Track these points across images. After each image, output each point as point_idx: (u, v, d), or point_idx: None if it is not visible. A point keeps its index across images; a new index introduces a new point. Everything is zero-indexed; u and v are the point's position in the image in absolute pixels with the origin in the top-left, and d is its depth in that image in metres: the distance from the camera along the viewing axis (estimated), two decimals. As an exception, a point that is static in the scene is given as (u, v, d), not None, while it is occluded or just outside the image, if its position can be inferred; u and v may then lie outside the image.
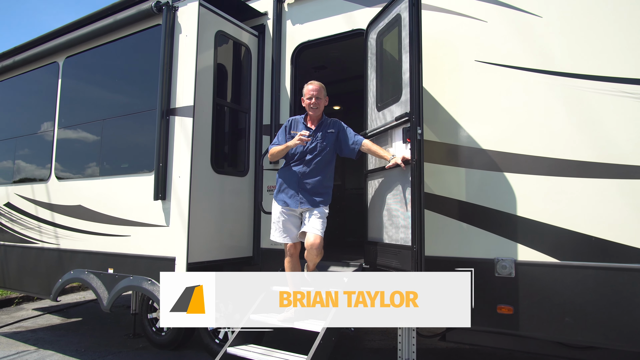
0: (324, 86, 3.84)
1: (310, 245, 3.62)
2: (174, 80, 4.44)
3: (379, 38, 3.95)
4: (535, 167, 3.35)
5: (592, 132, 3.20)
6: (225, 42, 4.69)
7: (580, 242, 3.16)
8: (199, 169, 4.28)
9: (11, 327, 6.59)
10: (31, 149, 6.24)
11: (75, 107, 5.68)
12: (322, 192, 3.77)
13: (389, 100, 3.75)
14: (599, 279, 3.10)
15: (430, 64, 3.66)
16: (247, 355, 3.63)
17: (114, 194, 4.94)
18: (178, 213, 4.22)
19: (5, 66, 6.44)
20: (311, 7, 4.63)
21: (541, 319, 3.27)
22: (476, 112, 3.63)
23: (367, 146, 3.74)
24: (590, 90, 3.21)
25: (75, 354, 5.28)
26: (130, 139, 5.12)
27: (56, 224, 5.54)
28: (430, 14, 3.82)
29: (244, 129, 4.90)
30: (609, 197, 3.10)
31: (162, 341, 5.27)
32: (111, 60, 5.34)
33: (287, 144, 3.73)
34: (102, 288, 4.88)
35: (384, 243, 3.76)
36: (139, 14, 4.76)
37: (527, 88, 3.43)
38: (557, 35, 3.37)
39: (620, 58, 3.15)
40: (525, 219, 3.36)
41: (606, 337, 3.09)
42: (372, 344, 5.57)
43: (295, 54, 4.70)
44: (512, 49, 3.51)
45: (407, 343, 3.99)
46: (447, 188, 3.68)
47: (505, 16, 3.56)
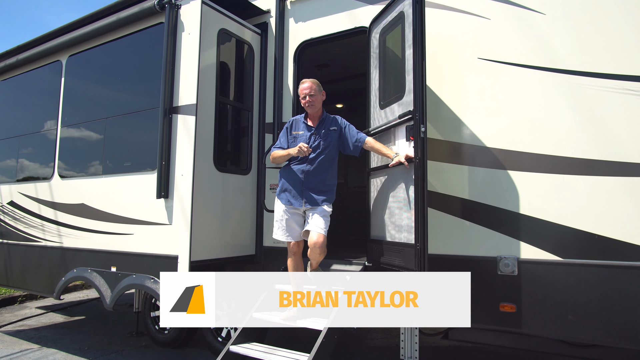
0: (317, 82, 3.82)
1: (314, 244, 3.62)
2: (176, 79, 4.45)
3: (382, 35, 3.95)
4: (538, 165, 3.34)
5: (596, 130, 3.19)
6: (228, 40, 4.69)
7: (584, 240, 3.15)
8: (202, 167, 4.28)
9: (15, 326, 6.62)
10: (34, 147, 6.25)
11: (78, 106, 5.69)
12: (325, 190, 3.77)
13: (392, 98, 3.75)
14: (602, 277, 3.10)
15: (433, 61, 3.65)
16: (249, 353, 3.64)
17: (116, 193, 4.95)
18: (181, 211, 4.22)
19: (9, 65, 6.45)
20: (314, 4, 4.62)
21: (544, 317, 3.26)
22: (479, 109, 3.62)
23: (370, 144, 3.73)
24: (594, 88, 3.20)
25: (78, 352, 5.29)
26: (133, 138, 5.13)
27: (59, 223, 5.55)
28: (434, 11, 3.82)
29: (246, 127, 4.90)
30: (613, 195, 3.09)
31: (165, 339, 5.28)
32: (114, 58, 5.35)
33: (288, 151, 3.73)
34: (105, 286, 4.89)
35: (386, 241, 3.76)
36: (141, 12, 4.76)
37: (531, 85, 3.42)
38: (561, 33, 3.35)
39: (624, 55, 3.14)
40: (528, 216, 3.35)
41: (609, 335, 3.08)
42: (375, 342, 5.57)
43: (297, 51, 4.70)
44: (516, 47, 3.50)
45: (409, 341, 3.99)
46: (450, 186, 3.68)
47: (508, 13, 3.55)
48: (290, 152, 3.71)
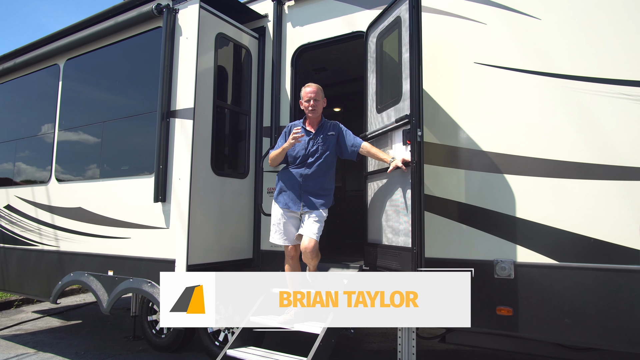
0: (321, 88, 3.85)
1: (305, 249, 3.64)
2: (174, 83, 4.46)
3: (379, 40, 3.97)
4: (534, 169, 3.36)
5: (592, 134, 3.20)
6: (226, 44, 4.70)
7: (580, 243, 3.16)
8: (199, 171, 4.28)
9: (11, 330, 6.59)
10: (31, 151, 6.24)
11: (76, 110, 5.69)
12: (323, 194, 3.78)
13: (389, 102, 3.76)
14: (598, 281, 3.11)
15: (430, 66, 3.67)
16: (246, 357, 3.63)
17: (114, 196, 4.94)
18: (178, 215, 4.22)
19: (6, 68, 6.45)
20: (311, 9, 4.64)
21: (540, 320, 3.27)
22: (476, 114, 3.64)
23: (367, 149, 3.74)
24: (589, 92, 3.22)
25: (74, 356, 5.27)
26: (131, 141, 5.13)
27: (56, 226, 5.54)
28: (430, 16, 3.84)
29: (244, 131, 4.91)
30: (609, 199, 3.10)
31: (162, 343, 5.26)
32: (112, 62, 5.35)
33: (283, 146, 3.74)
34: (101, 290, 4.88)
35: (383, 245, 3.76)
36: (139, 17, 4.77)
37: (527, 90, 3.44)
38: (556, 38, 3.38)
39: (619, 60, 3.16)
40: (524, 220, 3.37)
41: (605, 338, 3.09)
42: (372, 346, 5.56)
43: (295, 56, 4.72)
44: (512, 51, 3.52)
45: (406, 345, 3.99)
46: (447, 190, 3.69)
47: (504, 18, 3.57)
48: (285, 147, 3.71)
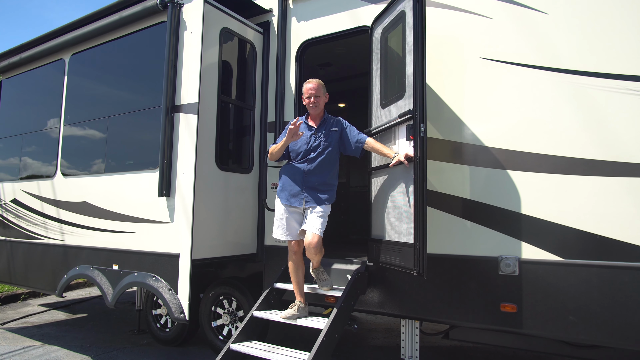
0: (322, 83, 3.84)
1: (308, 244, 3.64)
2: (178, 78, 4.45)
3: (384, 35, 3.94)
4: (540, 165, 3.33)
5: (598, 130, 3.17)
6: (230, 39, 4.69)
7: (585, 240, 3.14)
8: (204, 166, 4.29)
9: (17, 323, 6.65)
10: (37, 145, 6.27)
11: (81, 104, 5.70)
12: (325, 190, 3.77)
13: (393, 97, 3.74)
14: (603, 278, 3.08)
15: (434, 61, 3.65)
16: (250, 351, 3.65)
17: (119, 191, 4.96)
18: (182, 210, 4.23)
19: (12, 63, 6.48)
20: (316, 4, 4.62)
21: (545, 317, 3.25)
22: (481, 109, 3.61)
23: (371, 144, 3.73)
24: (596, 88, 3.18)
25: (80, 349, 5.31)
26: (136, 136, 5.14)
27: (62, 220, 5.57)
28: (435, 10, 3.81)
29: (248, 126, 4.91)
30: (614, 196, 3.08)
31: (167, 337, 5.29)
32: (117, 57, 5.36)
33: (283, 140, 3.72)
34: (106, 284, 4.91)
35: (387, 240, 3.75)
36: (144, 11, 4.77)
37: (533, 85, 3.41)
38: (563, 32, 3.34)
39: (626, 55, 3.12)
40: (529, 217, 3.34)
41: (610, 335, 3.07)
42: (375, 342, 5.57)
43: (300, 51, 4.70)
44: (518, 46, 3.49)
45: (410, 340, 3.99)
46: (451, 186, 3.67)
47: (511, 13, 3.54)
48: (285, 141, 3.70)
